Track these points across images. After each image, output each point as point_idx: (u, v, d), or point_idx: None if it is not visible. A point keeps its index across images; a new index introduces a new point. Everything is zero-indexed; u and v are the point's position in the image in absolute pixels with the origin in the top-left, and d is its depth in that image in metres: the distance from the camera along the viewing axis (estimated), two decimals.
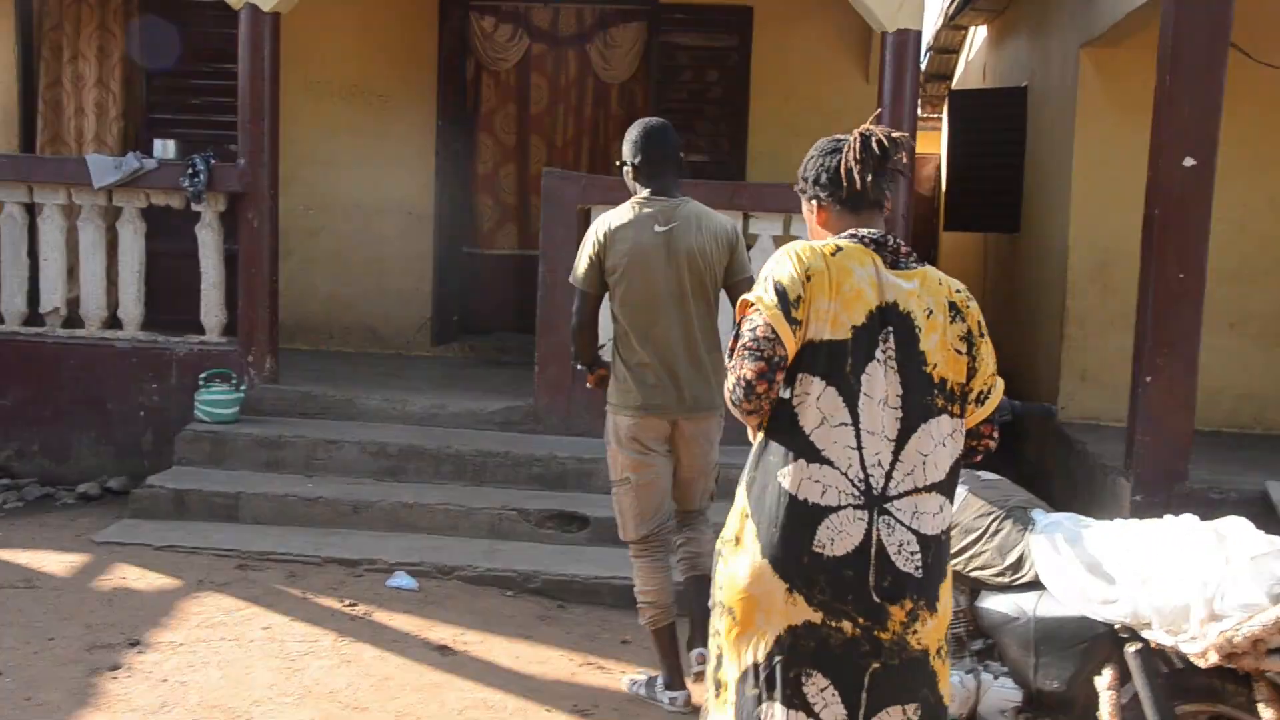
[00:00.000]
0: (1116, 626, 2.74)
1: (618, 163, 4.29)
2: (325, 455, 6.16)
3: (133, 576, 5.09)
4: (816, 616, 2.42)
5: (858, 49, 8.65)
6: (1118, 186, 6.94)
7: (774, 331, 2.41)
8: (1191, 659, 2.58)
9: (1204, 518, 2.82)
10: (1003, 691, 3.09)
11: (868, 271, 2.49)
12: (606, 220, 4.14)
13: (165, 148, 6.75)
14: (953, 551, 3.12)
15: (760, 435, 2.57)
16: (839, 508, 2.42)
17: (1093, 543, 2.85)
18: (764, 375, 2.41)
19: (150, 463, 6.53)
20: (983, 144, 9.35)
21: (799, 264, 2.47)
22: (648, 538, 4.21)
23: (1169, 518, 2.83)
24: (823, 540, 2.41)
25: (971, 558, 3.10)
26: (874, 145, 2.57)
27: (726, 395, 2.51)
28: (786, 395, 2.47)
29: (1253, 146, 6.89)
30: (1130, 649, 2.72)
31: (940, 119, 13.89)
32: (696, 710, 3.99)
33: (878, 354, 2.45)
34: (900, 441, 2.45)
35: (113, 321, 6.88)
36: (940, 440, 2.48)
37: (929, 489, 2.46)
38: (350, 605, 4.88)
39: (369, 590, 5.07)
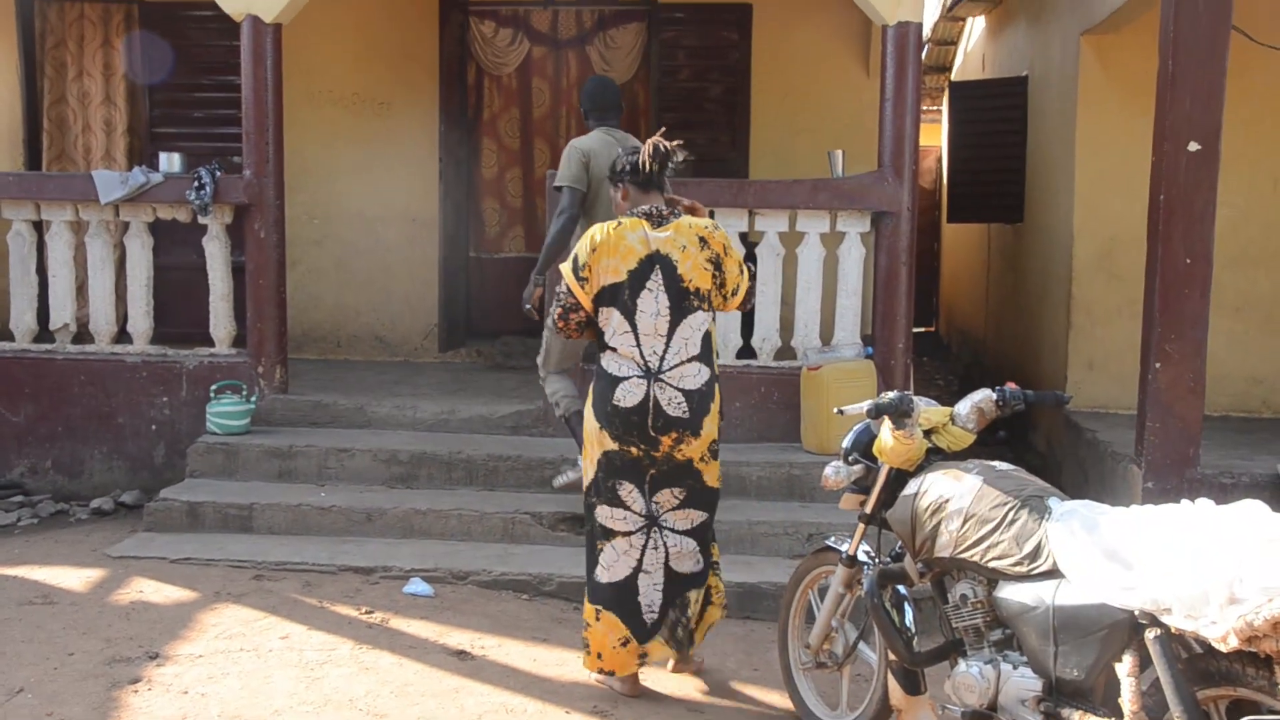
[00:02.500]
0: (1136, 613, 2.73)
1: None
2: (337, 464, 6.18)
3: (149, 590, 5.10)
4: (615, 446, 4.05)
5: (858, 43, 8.65)
6: (1122, 173, 6.95)
7: (568, 289, 4.06)
8: (1212, 643, 2.57)
9: (1217, 502, 2.81)
10: (1022, 681, 3.08)
11: (638, 234, 4.04)
12: (586, 142, 5.47)
13: (170, 161, 6.76)
14: (970, 542, 3.14)
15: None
16: (629, 378, 4.01)
17: (1110, 529, 2.84)
18: (562, 316, 4.09)
19: (163, 476, 6.57)
20: (984, 135, 9.35)
21: (590, 242, 4.05)
22: (559, 373, 5.63)
23: (1185, 502, 2.82)
24: (619, 397, 4.02)
25: (989, 548, 3.09)
26: (658, 150, 4.12)
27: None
28: (599, 319, 4.06)
29: (1257, 130, 6.89)
30: (1150, 635, 2.71)
31: (940, 111, 13.90)
32: None
33: (649, 285, 4.02)
34: (669, 335, 4.02)
35: (122, 336, 6.91)
36: (696, 328, 4.05)
37: (689, 361, 4.04)
38: (367, 613, 4.90)
39: (385, 597, 5.08)
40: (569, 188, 5.40)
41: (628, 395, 3.99)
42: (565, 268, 4.06)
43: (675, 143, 4.14)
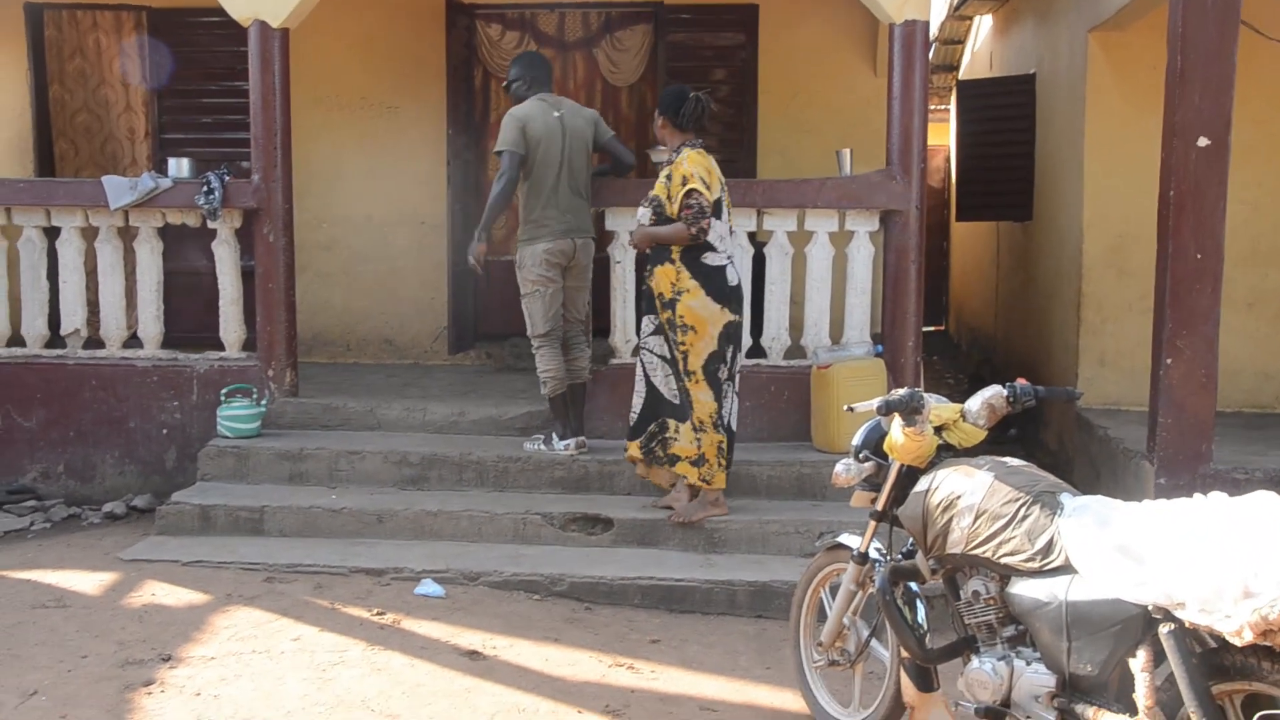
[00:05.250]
0: (1149, 608, 2.72)
1: (508, 85, 6.22)
2: (348, 466, 6.19)
3: (162, 592, 5.12)
4: (734, 317, 5.44)
5: (865, 42, 8.65)
6: (1131, 169, 6.92)
7: (706, 200, 5.29)
8: (1226, 638, 2.56)
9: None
10: (1036, 677, 3.08)
11: (713, 161, 5.50)
12: (523, 111, 5.99)
13: (180, 166, 6.78)
14: (982, 538, 3.14)
15: (682, 254, 5.35)
16: (727, 265, 5.44)
17: (1122, 524, 2.83)
18: (702, 216, 5.28)
19: (174, 480, 6.59)
20: (992, 133, 9.33)
21: (705, 168, 5.39)
22: (549, 333, 6.04)
23: (1198, 496, 2.81)
24: (731, 279, 5.43)
25: (1001, 544, 3.08)
26: (702, 100, 5.52)
27: (687, 231, 5.28)
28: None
29: (1267, 125, 6.87)
30: (1164, 630, 2.70)
31: (948, 110, 13.86)
32: (581, 451, 6.09)
33: (722, 197, 5.45)
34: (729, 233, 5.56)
35: (133, 341, 6.93)
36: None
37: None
38: (378, 614, 4.90)
39: (396, 599, 5.09)
40: (509, 152, 5.90)
41: (734, 276, 5.46)
42: (700, 187, 5.27)
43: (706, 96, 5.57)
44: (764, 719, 4.17)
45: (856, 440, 3.72)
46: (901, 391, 3.41)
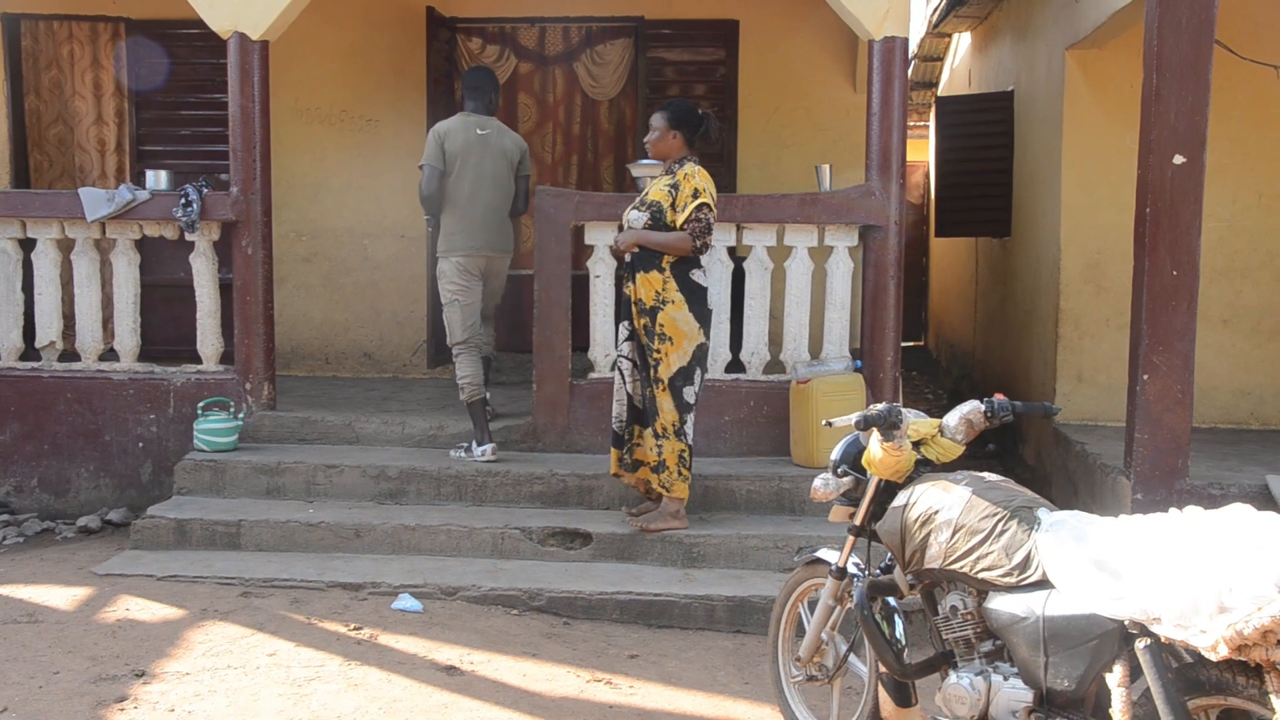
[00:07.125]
0: (1126, 622, 2.73)
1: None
2: (325, 480, 6.15)
3: (136, 607, 5.07)
4: (705, 340, 5.48)
5: (845, 58, 8.69)
6: (1108, 186, 6.98)
7: (714, 219, 5.40)
8: (1202, 652, 2.57)
9: None
10: (1013, 692, 3.07)
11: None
12: (445, 125, 6.26)
13: (157, 179, 6.74)
14: (959, 553, 3.14)
15: (672, 265, 5.39)
16: (709, 286, 5.54)
17: (1099, 539, 2.84)
18: (710, 232, 5.40)
19: (150, 493, 6.55)
20: (971, 149, 9.39)
21: (711, 183, 5.44)
22: (468, 340, 6.31)
23: (1174, 511, 2.82)
24: (712, 302, 5.57)
25: (978, 559, 3.09)
26: (712, 119, 5.60)
27: (690, 243, 5.32)
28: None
29: (1241, 143, 6.93)
30: (1140, 644, 2.71)
31: (927, 126, 13.94)
32: (497, 460, 6.18)
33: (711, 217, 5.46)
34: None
35: (109, 354, 6.88)
36: None
37: None
38: (355, 629, 4.87)
39: (373, 613, 5.06)
40: (427, 165, 6.19)
41: (712, 300, 5.64)
42: (710, 203, 5.35)
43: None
44: None
45: (835, 455, 3.72)
46: (880, 406, 3.41)
